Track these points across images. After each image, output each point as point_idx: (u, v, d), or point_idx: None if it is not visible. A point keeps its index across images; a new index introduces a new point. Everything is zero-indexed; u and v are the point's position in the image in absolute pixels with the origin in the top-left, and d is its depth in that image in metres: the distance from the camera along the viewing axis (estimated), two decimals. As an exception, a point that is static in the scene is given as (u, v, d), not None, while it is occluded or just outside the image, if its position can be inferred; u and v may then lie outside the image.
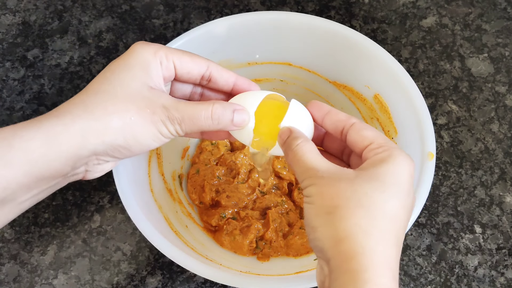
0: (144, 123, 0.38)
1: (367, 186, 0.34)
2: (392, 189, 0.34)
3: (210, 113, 0.39)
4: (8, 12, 0.70)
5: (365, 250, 0.32)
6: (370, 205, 0.33)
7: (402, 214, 0.34)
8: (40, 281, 0.53)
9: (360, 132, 0.38)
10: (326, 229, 0.33)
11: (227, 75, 0.43)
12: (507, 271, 0.54)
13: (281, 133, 0.39)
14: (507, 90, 0.65)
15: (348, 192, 0.33)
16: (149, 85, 0.39)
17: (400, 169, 0.35)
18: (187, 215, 0.54)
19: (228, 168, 0.58)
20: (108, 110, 0.37)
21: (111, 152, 0.38)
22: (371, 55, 0.52)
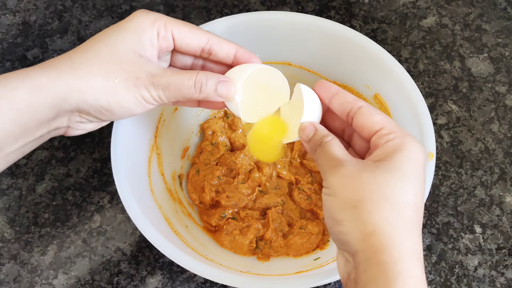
0: (127, 86, 0.38)
1: (388, 177, 0.34)
2: (411, 178, 0.34)
3: (194, 82, 0.40)
4: (8, 12, 0.70)
5: (395, 242, 0.32)
6: (393, 196, 0.33)
7: (421, 201, 0.35)
8: (40, 281, 0.53)
9: (369, 116, 0.37)
10: (353, 223, 0.34)
11: (228, 47, 0.43)
12: (507, 271, 0.54)
13: (304, 128, 0.40)
14: (507, 90, 0.65)
15: (371, 184, 0.34)
16: (138, 52, 0.39)
17: (416, 157, 0.35)
18: (187, 215, 0.54)
19: (228, 168, 0.58)
20: (93, 70, 0.38)
21: (94, 112, 0.39)
22: (371, 55, 0.52)
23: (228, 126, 0.60)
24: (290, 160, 0.59)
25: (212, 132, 0.59)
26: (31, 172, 0.59)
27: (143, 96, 0.39)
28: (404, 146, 0.35)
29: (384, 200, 0.33)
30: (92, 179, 0.59)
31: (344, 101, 0.39)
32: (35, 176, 0.59)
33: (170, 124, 0.55)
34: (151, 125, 0.53)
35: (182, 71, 0.40)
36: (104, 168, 0.59)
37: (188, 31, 0.41)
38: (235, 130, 0.59)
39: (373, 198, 0.33)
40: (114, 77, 0.38)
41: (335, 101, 0.40)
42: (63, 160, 0.60)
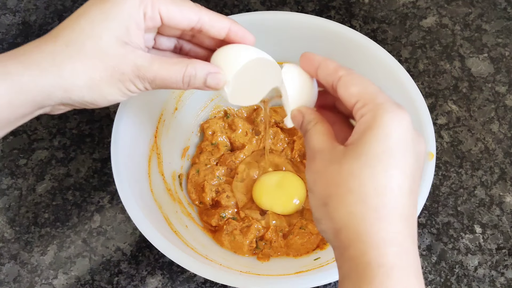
0: (111, 81, 0.37)
1: (354, 166, 0.31)
2: (381, 159, 0.31)
3: (182, 77, 0.38)
4: (8, 12, 0.70)
5: (361, 235, 0.31)
6: (359, 186, 0.31)
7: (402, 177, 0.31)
8: (40, 281, 0.53)
9: (346, 89, 0.34)
10: (327, 221, 0.32)
11: (220, 25, 0.40)
12: (507, 271, 0.54)
13: (293, 117, 0.38)
14: (507, 90, 0.65)
15: (337, 177, 0.32)
16: (123, 40, 0.37)
17: (388, 131, 0.31)
18: (187, 215, 0.54)
19: (228, 168, 0.58)
20: (76, 68, 0.36)
21: (78, 105, 0.38)
22: (371, 55, 0.52)
23: (228, 126, 0.60)
24: (290, 159, 0.59)
25: (212, 132, 0.59)
26: (31, 172, 0.59)
27: (129, 89, 0.38)
28: (374, 122, 0.31)
29: (349, 193, 0.31)
30: (92, 179, 0.59)
31: (326, 73, 0.36)
32: (35, 176, 0.59)
33: (170, 124, 0.55)
34: (151, 125, 0.53)
35: (169, 62, 0.38)
36: (104, 168, 0.59)
37: (177, 10, 0.38)
38: (235, 130, 0.59)
39: (338, 192, 0.31)
40: (99, 74, 0.37)
41: (320, 75, 0.37)
42: (63, 160, 0.60)
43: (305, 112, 0.37)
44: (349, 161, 0.31)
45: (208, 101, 0.60)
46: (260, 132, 0.60)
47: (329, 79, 0.35)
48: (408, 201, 0.31)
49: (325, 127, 0.35)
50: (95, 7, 0.37)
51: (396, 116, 0.31)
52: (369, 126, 0.31)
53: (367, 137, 0.31)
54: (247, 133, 0.59)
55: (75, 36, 0.36)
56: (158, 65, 0.38)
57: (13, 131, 0.39)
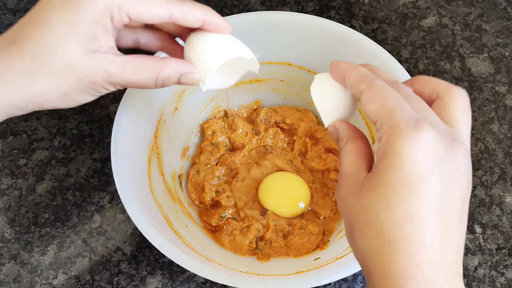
0: (83, 91, 0.37)
1: (371, 198, 0.30)
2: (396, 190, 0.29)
3: (155, 81, 0.38)
4: (8, 12, 0.70)
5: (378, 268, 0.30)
6: (376, 219, 0.29)
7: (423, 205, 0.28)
8: (40, 281, 0.53)
9: (367, 106, 0.31)
10: (353, 250, 0.32)
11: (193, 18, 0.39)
12: (507, 271, 0.54)
13: (330, 133, 0.36)
14: (507, 90, 0.65)
15: (356, 208, 0.31)
16: (91, 48, 0.36)
17: (402, 159, 0.28)
18: (187, 215, 0.54)
19: (228, 168, 0.58)
20: (47, 85, 0.36)
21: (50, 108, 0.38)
22: (371, 55, 0.52)
23: (228, 126, 0.60)
24: (290, 160, 0.59)
25: (212, 132, 0.59)
26: (31, 172, 0.59)
27: (101, 92, 0.38)
28: (389, 148, 0.29)
29: (367, 226, 0.30)
30: (92, 179, 0.59)
31: (350, 86, 0.33)
32: (35, 176, 0.59)
33: (170, 124, 0.55)
34: (151, 125, 0.53)
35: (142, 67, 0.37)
36: (104, 168, 0.59)
37: (145, 9, 0.37)
38: (235, 130, 0.59)
39: (359, 224, 0.31)
40: (70, 87, 0.36)
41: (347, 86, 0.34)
42: (63, 160, 0.60)
43: (339, 128, 0.35)
44: (366, 194, 0.30)
45: (208, 101, 0.60)
46: (260, 132, 0.60)
47: (354, 92, 0.33)
48: (437, 228, 0.29)
49: (356, 146, 0.33)
50: (58, 16, 0.35)
51: (411, 139, 0.29)
52: (384, 153, 0.29)
53: (382, 166, 0.29)
54: (247, 133, 0.59)
55: (41, 51, 0.35)
56: (130, 70, 0.37)
57: (13, 131, 0.40)
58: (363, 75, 0.33)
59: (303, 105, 0.61)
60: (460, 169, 0.30)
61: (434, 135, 0.29)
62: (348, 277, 0.54)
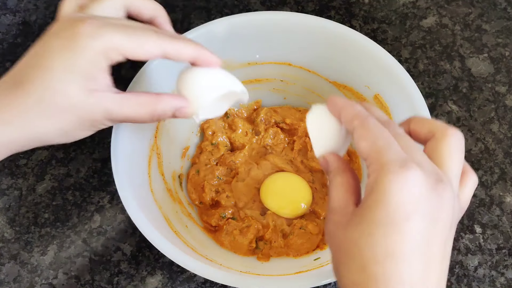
0: (83, 128, 0.39)
1: (355, 234, 0.30)
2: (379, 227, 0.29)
3: (151, 118, 0.40)
4: (8, 12, 0.70)
5: None
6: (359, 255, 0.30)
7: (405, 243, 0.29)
8: (40, 281, 0.53)
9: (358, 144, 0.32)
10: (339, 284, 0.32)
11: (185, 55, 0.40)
12: (507, 271, 0.54)
13: (320, 164, 0.36)
14: (507, 90, 0.65)
15: (342, 242, 0.31)
16: (91, 88, 0.37)
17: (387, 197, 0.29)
18: (187, 215, 0.54)
19: (228, 168, 0.58)
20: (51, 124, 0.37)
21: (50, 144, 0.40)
22: (371, 55, 0.52)
23: (228, 126, 0.60)
24: (290, 160, 0.59)
25: (212, 132, 0.59)
26: (31, 172, 0.59)
27: (99, 128, 0.40)
28: (375, 186, 0.30)
29: (351, 261, 0.30)
30: (92, 179, 0.59)
31: (345, 123, 0.34)
32: (35, 176, 0.59)
33: (170, 124, 0.55)
34: (151, 125, 0.53)
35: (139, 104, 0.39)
36: (104, 168, 0.59)
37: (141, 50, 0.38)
38: (235, 130, 0.59)
39: (344, 260, 0.31)
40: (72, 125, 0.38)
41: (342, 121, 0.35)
42: (63, 160, 0.60)
43: (329, 161, 0.35)
44: (351, 228, 0.31)
45: (208, 101, 0.60)
46: (260, 132, 0.60)
47: (348, 128, 0.34)
48: (417, 266, 0.29)
49: (345, 181, 0.34)
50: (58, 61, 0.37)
51: (397, 178, 0.29)
52: (372, 190, 0.30)
53: (369, 202, 0.30)
54: (247, 133, 0.59)
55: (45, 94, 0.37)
56: (127, 108, 0.39)
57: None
58: (358, 112, 0.33)
59: (303, 105, 0.61)
60: (444, 210, 0.30)
61: (421, 175, 0.30)
62: (348, 277, 0.54)
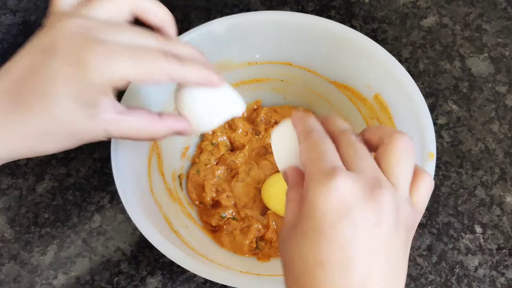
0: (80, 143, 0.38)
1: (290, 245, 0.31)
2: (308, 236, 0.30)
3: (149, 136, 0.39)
4: (8, 12, 0.70)
5: None
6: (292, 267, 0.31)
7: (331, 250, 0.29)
8: (40, 281, 0.53)
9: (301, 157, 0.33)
10: None
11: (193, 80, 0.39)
12: (508, 271, 0.54)
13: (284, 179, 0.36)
14: (507, 90, 0.65)
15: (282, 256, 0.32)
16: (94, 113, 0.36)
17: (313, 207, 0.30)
18: (187, 215, 0.54)
19: (228, 168, 0.58)
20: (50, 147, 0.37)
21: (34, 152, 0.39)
22: (372, 55, 0.52)
23: (228, 126, 0.60)
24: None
25: (212, 132, 0.59)
26: (31, 172, 0.59)
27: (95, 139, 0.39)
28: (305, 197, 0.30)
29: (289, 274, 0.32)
30: (92, 179, 0.59)
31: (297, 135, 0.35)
32: (35, 176, 0.59)
33: (170, 124, 0.55)
34: (151, 125, 0.53)
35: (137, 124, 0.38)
36: (104, 168, 0.59)
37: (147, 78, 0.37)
38: (235, 130, 0.59)
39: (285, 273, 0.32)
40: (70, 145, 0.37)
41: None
42: (63, 160, 0.60)
43: (288, 175, 0.35)
44: (288, 241, 0.31)
45: (208, 101, 0.60)
46: (260, 132, 0.60)
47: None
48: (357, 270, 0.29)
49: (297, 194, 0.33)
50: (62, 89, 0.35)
51: (321, 188, 0.30)
52: (302, 202, 0.31)
53: (300, 214, 0.31)
54: (247, 133, 0.59)
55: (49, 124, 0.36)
56: (127, 129, 0.37)
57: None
58: (305, 126, 0.34)
59: (303, 105, 0.61)
60: (384, 214, 0.30)
61: (350, 182, 0.30)
62: (348, 277, 0.53)
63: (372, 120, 0.54)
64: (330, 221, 0.29)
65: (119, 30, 0.36)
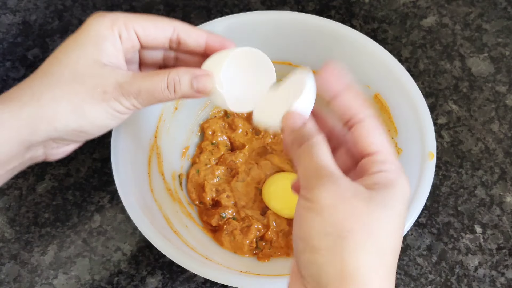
0: (95, 103, 0.35)
1: (383, 214, 0.29)
2: (400, 220, 0.30)
3: (166, 84, 0.36)
4: (8, 11, 0.70)
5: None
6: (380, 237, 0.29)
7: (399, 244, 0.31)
8: (40, 281, 0.53)
9: (368, 134, 0.32)
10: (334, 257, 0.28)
11: (196, 34, 0.39)
12: (508, 271, 0.54)
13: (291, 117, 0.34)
14: (507, 90, 0.65)
15: (364, 216, 0.29)
16: (101, 61, 0.36)
17: (405, 198, 0.31)
18: (187, 215, 0.54)
19: (228, 168, 0.58)
20: (56, 95, 0.35)
21: (68, 136, 0.37)
22: (372, 55, 0.52)
23: (228, 125, 0.60)
24: (290, 159, 0.59)
25: (212, 131, 0.59)
26: (31, 172, 0.59)
27: (116, 109, 0.37)
28: (397, 183, 0.31)
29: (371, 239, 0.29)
30: (92, 179, 0.59)
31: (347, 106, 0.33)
32: (35, 176, 0.59)
33: (170, 124, 0.55)
34: (151, 125, 0.53)
35: (152, 73, 0.37)
36: (104, 168, 0.59)
37: (152, 25, 0.38)
38: (235, 130, 0.59)
39: (362, 233, 0.28)
40: (80, 97, 0.35)
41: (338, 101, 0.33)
42: (63, 160, 0.60)
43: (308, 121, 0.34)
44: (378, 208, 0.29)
45: (208, 101, 0.60)
46: (260, 131, 0.60)
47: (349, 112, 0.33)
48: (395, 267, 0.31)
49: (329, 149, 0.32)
50: (69, 39, 0.37)
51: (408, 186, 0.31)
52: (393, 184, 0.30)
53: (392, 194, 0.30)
54: (247, 132, 0.59)
55: (51, 68, 0.36)
56: (141, 78, 0.37)
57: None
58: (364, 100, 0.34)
59: (303, 105, 0.61)
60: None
61: None
62: (348, 277, 0.53)
63: (372, 120, 0.54)
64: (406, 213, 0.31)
65: None
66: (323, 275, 0.28)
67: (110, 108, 0.36)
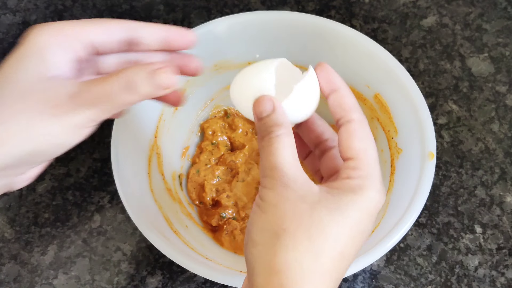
0: (47, 119, 0.31)
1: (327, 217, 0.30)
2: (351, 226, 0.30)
3: (123, 84, 0.32)
4: (8, 11, 0.70)
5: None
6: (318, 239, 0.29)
7: (350, 252, 0.30)
8: (40, 281, 0.53)
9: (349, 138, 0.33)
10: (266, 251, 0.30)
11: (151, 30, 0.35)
12: (508, 271, 0.54)
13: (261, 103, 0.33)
14: (507, 90, 0.65)
15: (305, 217, 0.29)
16: (46, 75, 0.32)
17: (366, 206, 0.31)
18: (187, 215, 0.54)
19: (228, 168, 0.58)
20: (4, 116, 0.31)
21: (26, 161, 0.33)
22: (372, 55, 0.52)
23: (228, 125, 0.60)
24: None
25: (212, 131, 0.59)
26: (31, 172, 0.59)
27: (74, 123, 0.32)
28: (361, 192, 0.31)
29: (310, 240, 0.29)
30: (92, 179, 0.59)
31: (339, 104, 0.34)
32: (35, 176, 0.59)
33: (170, 124, 0.55)
34: (151, 125, 0.53)
35: (104, 77, 0.32)
36: (104, 168, 0.59)
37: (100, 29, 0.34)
38: (235, 130, 0.59)
39: (298, 233, 0.29)
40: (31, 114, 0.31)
41: (332, 100, 0.34)
42: (63, 160, 0.60)
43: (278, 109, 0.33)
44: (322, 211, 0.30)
45: (208, 101, 0.60)
46: (260, 132, 0.60)
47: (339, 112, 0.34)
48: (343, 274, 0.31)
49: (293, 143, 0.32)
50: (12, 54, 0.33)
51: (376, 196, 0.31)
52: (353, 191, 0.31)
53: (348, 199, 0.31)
54: (247, 132, 0.59)
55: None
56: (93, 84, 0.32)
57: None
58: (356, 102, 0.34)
59: (303, 105, 0.61)
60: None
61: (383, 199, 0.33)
62: (348, 277, 0.54)
63: (372, 120, 0.54)
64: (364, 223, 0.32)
65: None
66: (256, 267, 0.30)
67: (66, 123, 0.32)
